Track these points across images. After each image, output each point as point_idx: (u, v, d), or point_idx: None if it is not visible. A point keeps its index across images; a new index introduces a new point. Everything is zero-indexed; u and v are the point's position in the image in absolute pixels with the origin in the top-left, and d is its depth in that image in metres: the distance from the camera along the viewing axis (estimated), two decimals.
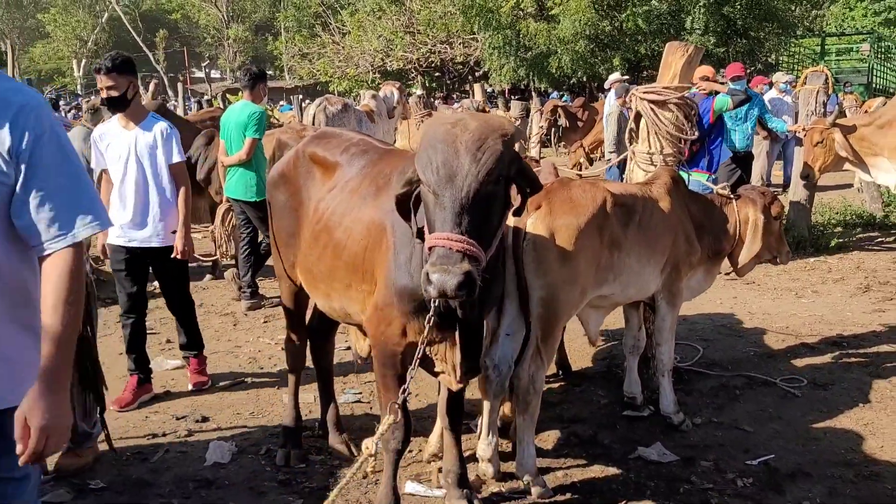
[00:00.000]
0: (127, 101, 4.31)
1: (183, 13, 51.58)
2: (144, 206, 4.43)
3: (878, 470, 3.55)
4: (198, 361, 4.85)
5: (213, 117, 9.53)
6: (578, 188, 3.57)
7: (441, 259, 2.21)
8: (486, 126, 2.40)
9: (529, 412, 3.45)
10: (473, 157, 2.31)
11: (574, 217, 3.40)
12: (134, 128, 4.42)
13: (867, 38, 26.07)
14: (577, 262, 3.39)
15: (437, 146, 2.35)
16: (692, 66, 4.46)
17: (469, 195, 2.30)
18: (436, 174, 2.32)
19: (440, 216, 2.30)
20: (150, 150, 4.41)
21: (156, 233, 4.46)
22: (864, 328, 5.61)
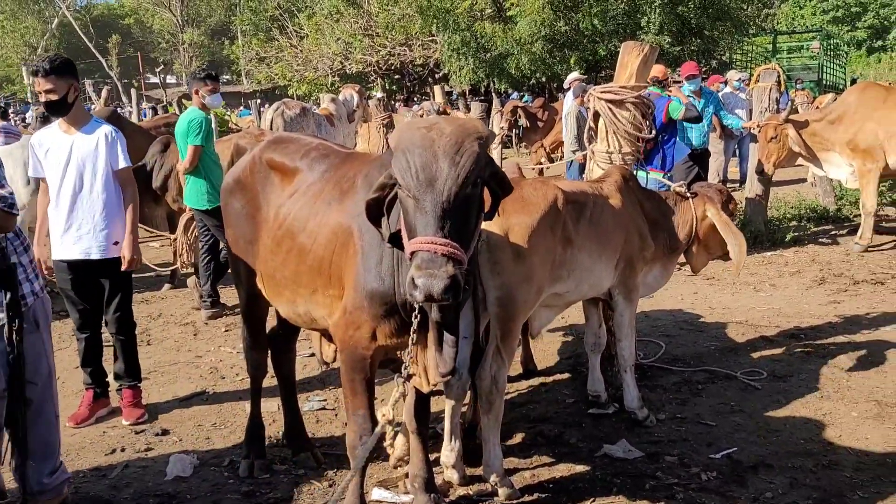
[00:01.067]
0: (68, 104, 4.05)
1: (136, 18, 50.71)
2: (84, 216, 4.16)
3: (836, 459, 3.61)
4: (133, 393, 4.45)
5: (167, 123, 9.37)
6: (529, 187, 3.58)
7: (426, 263, 2.21)
8: (462, 129, 2.40)
9: (493, 412, 3.44)
10: (452, 161, 2.31)
11: (527, 216, 3.41)
12: (75, 132, 4.15)
13: (817, 35, 26.71)
14: (532, 260, 3.40)
15: (415, 151, 2.33)
16: (648, 65, 4.51)
17: (450, 199, 2.30)
18: (415, 179, 2.30)
19: (421, 220, 2.29)
20: (93, 156, 4.13)
21: (97, 244, 4.18)
22: (820, 320, 5.72)
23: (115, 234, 4.23)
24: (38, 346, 3.04)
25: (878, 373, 4.64)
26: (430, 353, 2.80)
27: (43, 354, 3.08)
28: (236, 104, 31.60)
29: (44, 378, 3.09)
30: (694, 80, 8.61)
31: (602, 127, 4.64)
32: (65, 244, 4.20)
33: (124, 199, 4.28)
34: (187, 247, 6.84)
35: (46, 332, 3.12)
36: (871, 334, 5.35)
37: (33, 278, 3.02)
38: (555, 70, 17.17)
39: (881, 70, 30.95)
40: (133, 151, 8.14)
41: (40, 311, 3.08)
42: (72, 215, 4.16)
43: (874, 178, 7.63)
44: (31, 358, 2.98)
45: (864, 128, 7.63)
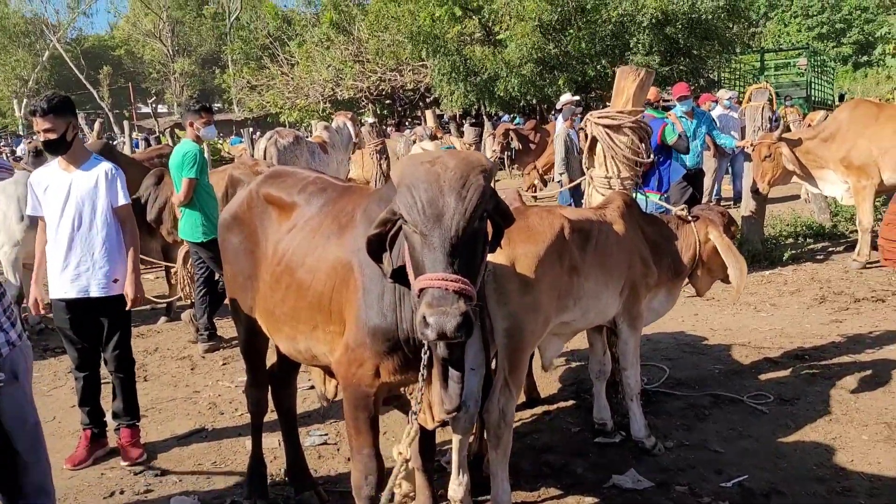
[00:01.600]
0: (67, 143, 4.03)
1: (127, 49, 51.06)
2: (83, 254, 4.11)
3: (849, 485, 3.56)
4: (131, 433, 4.35)
5: (160, 155, 9.33)
6: (535, 216, 3.55)
7: (438, 300, 2.16)
8: (467, 163, 2.36)
9: (502, 446, 3.37)
10: (459, 195, 2.27)
11: (533, 245, 3.37)
12: (74, 170, 4.12)
13: (803, 52, 26.98)
14: (539, 289, 3.35)
15: (421, 186, 2.29)
16: (644, 89, 4.50)
17: (458, 234, 2.25)
18: (422, 214, 2.26)
19: (430, 257, 2.24)
20: (92, 193, 4.11)
21: (96, 282, 4.13)
22: (823, 339, 5.68)
23: (114, 272, 4.17)
24: (18, 397, 2.90)
25: (886, 393, 4.60)
26: (434, 389, 2.74)
27: (25, 404, 2.95)
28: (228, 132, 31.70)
29: (31, 427, 2.96)
30: (685, 100, 8.64)
31: (600, 152, 4.62)
32: (63, 282, 4.14)
33: (124, 237, 4.23)
34: (188, 279, 6.77)
35: (27, 382, 2.93)
36: (875, 353, 5.31)
37: (8, 327, 2.86)
38: (545, 92, 17.26)
39: (868, 85, 31.27)
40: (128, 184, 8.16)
41: (19, 361, 2.89)
42: (70, 253, 4.11)
43: (870, 195, 7.64)
44: (14, 411, 2.85)
45: (858, 145, 7.65)
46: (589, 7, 16.23)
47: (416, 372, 2.77)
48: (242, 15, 43.99)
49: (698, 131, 8.60)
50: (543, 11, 16.05)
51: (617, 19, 16.03)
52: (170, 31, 47.25)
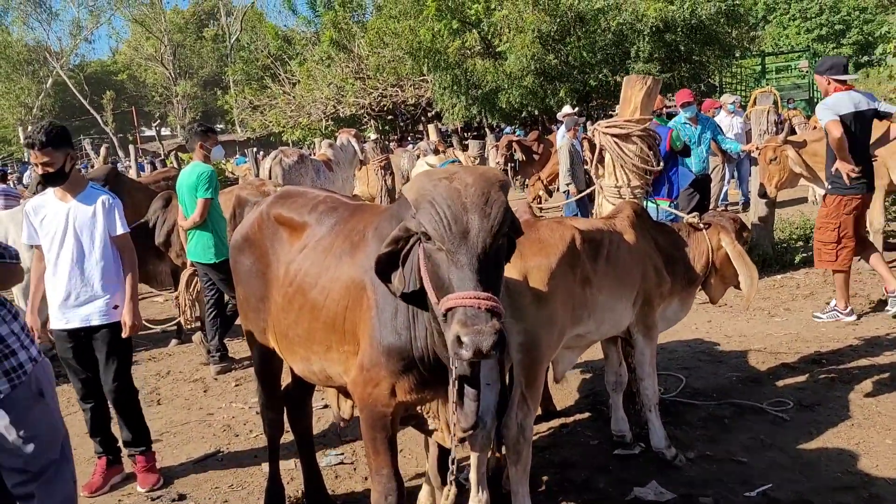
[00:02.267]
0: (66, 174, 3.98)
1: (129, 73, 51.42)
2: (83, 284, 4.06)
3: (876, 492, 3.50)
4: (145, 459, 4.33)
5: (167, 178, 9.35)
6: (546, 228, 3.52)
7: (472, 320, 2.13)
8: (485, 179, 2.34)
9: (522, 462, 3.33)
10: (483, 213, 2.25)
11: (545, 258, 3.34)
12: (71, 199, 4.07)
13: (804, 54, 26.99)
14: (554, 302, 3.32)
15: (443, 203, 2.26)
16: (652, 98, 4.48)
17: (485, 251, 2.24)
18: (448, 231, 2.23)
19: (458, 275, 2.21)
20: (90, 223, 4.06)
21: (96, 310, 4.08)
22: (840, 343, 5.63)
23: (115, 299, 4.13)
24: (46, 414, 2.95)
25: None
26: (450, 407, 2.71)
27: (53, 421, 2.99)
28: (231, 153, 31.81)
29: (58, 444, 3.00)
30: (689, 107, 8.62)
31: (609, 161, 4.60)
32: (64, 313, 4.09)
33: (123, 265, 4.18)
34: (190, 303, 6.75)
35: (52, 398, 3.01)
36: (894, 355, 5.25)
37: (29, 344, 2.93)
38: (546, 103, 17.27)
39: (869, 85, 31.14)
40: (134, 208, 8.18)
41: (43, 377, 2.97)
42: (70, 284, 4.06)
43: (880, 196, 7.57)
44: (44, 429, 2.89)
45: None
46: (588, 17, 16.26)
47: (431, 390, 2.75)
48: (243, 36, 44.30)
49: (703, 137, 8.56)
50: (542, 22, 16.08)
51: (616, 28, 16.06)
52: (171, 54, 47.58)
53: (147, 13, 46.25)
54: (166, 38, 47.05)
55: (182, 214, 6.40)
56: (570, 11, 16.15)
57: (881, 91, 26.78)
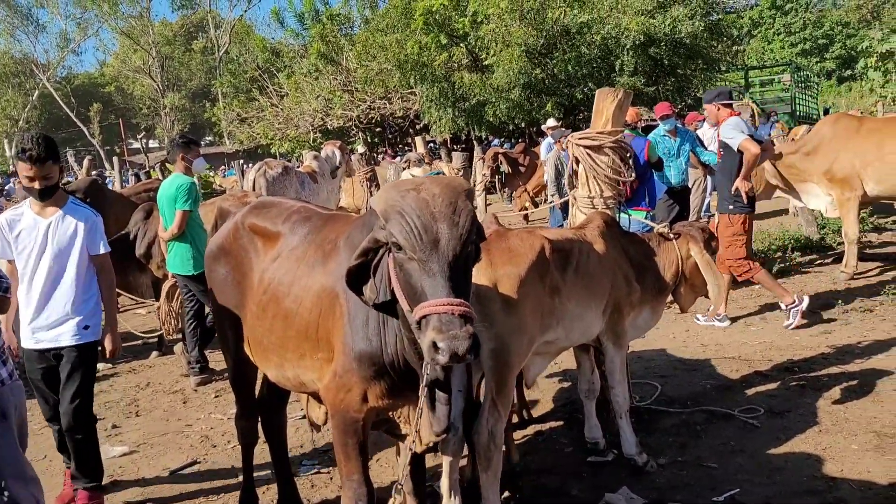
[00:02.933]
0: (57, 188, 3.85)
1: (117, 85, 51.31)
2: (57, 303, 3.85)
3: (841, 495, 3.56)
4: (89, 496, 3.97)
5: (148, 189, 9.37)
6: (516, 237, 3.58)
7: (446, 326, 2.20)
8: (451, 189, 2.42)
9: (492, 468, 3.36)
10: (452, 222, 2.33)
11: (515, 266, 3.41)
12: (51, 215, 3.86)
13: (787, 68, 27.27)
14: (523, 310, 3.37)
15: (413, 214, 2.33)
16: (623, 110, 4.56)
17: (455, 259, 2.31)
18: (419, 241, 2.30)
19: (430, 283, 2.27)
20: (71, 240, 3.87)
21: (68, 330, 3.86)
22: (812, 351, 5.71)
23: (86, 320, 3.93)
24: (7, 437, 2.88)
25: (875, 402, 4.62)
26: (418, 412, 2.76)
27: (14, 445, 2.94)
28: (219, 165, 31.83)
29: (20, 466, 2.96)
30: (668, 119, 8.72)
31: (582, 172, 4.67)
32: (35, 332, 3.89)
33: (102, 286, 4.01)
34: (172, 314, 6.76)
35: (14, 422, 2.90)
36: (863, 363, 5.33)
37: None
38: (533, 115, 17.37)
39: (852, 98, 31.65)
40: (115, 219, 8.18)
41: (9, 400, 2.89)
42: (44, 302, 3.87)
43: (854, 207, 7.71)
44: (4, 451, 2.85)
45: (840, 158, 7.74)
46: (574, 31, 16.40)
47: (402, 396, 2.80)
48: (231, 48, 44.36)
49: (682, 149, 8.67)
50: (529, 37, 16.21)
51: (601, 42, 16.20)
52: (159, 66, 47.54)
53: (135, 26, 46.23)
54: (154, 51, 47.02)
55: (162, 226, 6.42)
56: (556, 25, 16.28)
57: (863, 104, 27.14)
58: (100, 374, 7.00)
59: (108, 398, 6.27)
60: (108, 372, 7.08)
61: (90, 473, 4.00)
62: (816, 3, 45.56)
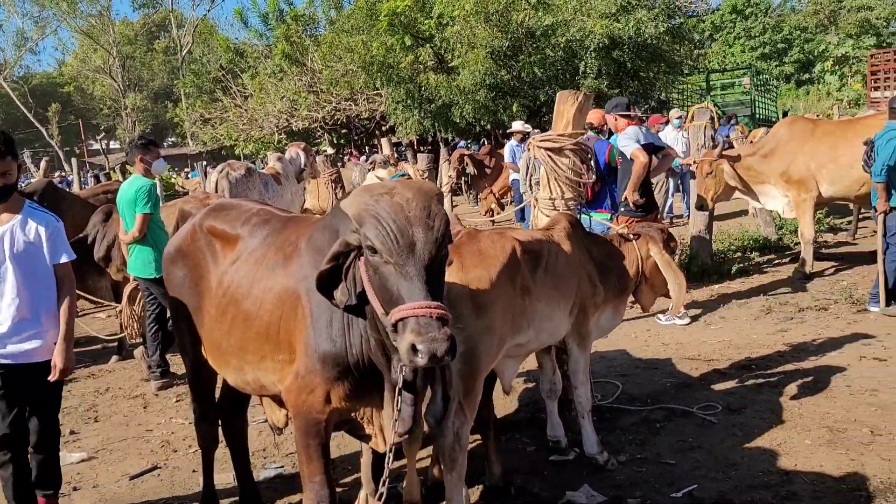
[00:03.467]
0: (16, 188, 3.57)
1: (76, 85, 50.33)
2: (25, 317, 3.51)
3: (794, 489, 3.65)
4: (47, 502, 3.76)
5: (106, 191, 9.22)
6: (487, 239, 3.60)
7: (425, 328, 2.23)
8: (423, 193, 2.45)
9: (457, 469, 3.37)
10: (427, 226, 2.36)
11: (486, 268, 3.42)
12: (7, 222, 3.52)
13: (747, 72, 27.80)
14: (493, 312, 3.39)
15: (388, 218, 2.35)
16: (584, 112, 4.62)
17: (431, 262, 2.34)
18: (395, 244, 2.32)
19: (407, 286, 2.30)
20: (30, 249, 3.53)
21: (32, 346, 3.54)
22: (769, 349, 5.84)
23: (46, 334, 3.59)
24: None
25: (828, 399, 4.74)
26: (385, 412, 2.77)
27: None
28: (182, 166, 31.41)
29: None
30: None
31: (544, 174, 4.72)
32: None
33: (61, 296, 3.63)
34: (134, 318, 6.66)
35: None
36: (818, 360, 5.47)
37: None
38: (499, 117, 17.46)
39: (810, 101, 32.32)
40: (72, 222, 8.03)
41: None
42: (9, 317, 3.50)
43: (810, 208, 7.90)
44: None
45: (796, 160, 7.92)
46: (539, 33, 16.52)
47: (365, 396, 2.81)
48: (194, 48, 43.83)
49: None
50: (494, 38, 16.29)
51: (565, 45, 16.34)
52: (120, 66, 46.77)
53: (95, 25, 45.42)
54: (115, 50, 46.26)
55: (122, 229, 6.33)
56: (521, 28, 16.39)
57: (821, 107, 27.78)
58: None
59: (66, 404, 6.12)
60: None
61: (50, 483, 3.78)
62: (775, 8, 46.48)
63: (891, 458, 3.87)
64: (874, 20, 35.83)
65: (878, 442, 4.08)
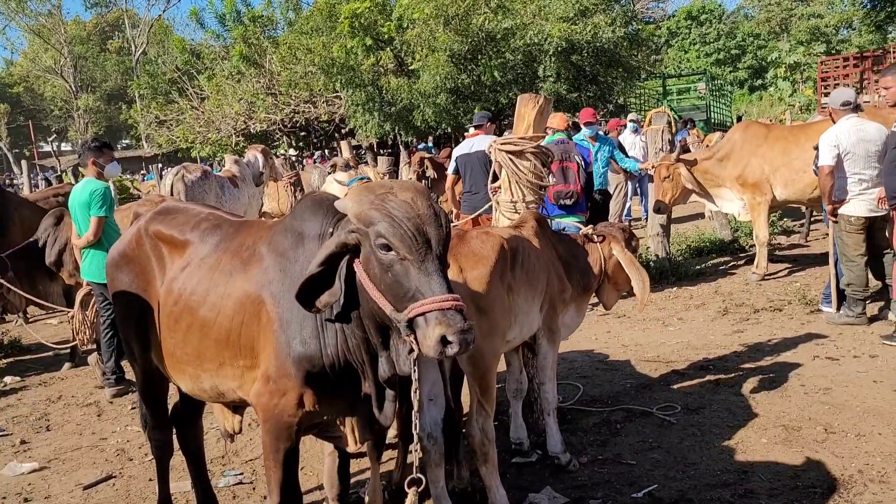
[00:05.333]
0: None
1: (26, 85, 49.07)
2: None
3: (751, 487, 3.71)
4: None
5: (57, 194, 8.98)
6: (476, 239, 3.62)
7: (451, 320, 2.28)
8: (421, 192, 2.50)
9: (490, 461, 3.54)
10: (437, 222, 2.42)
11: (483, 268, 3.45)
12: None
13: (702, 77, 28.34)
14: (494, 311, 3.44)
15: (403, 217, 2.38)
16: (544, 115, 4.65)
17: (442, 257, 2.42)
18: (415, 243, 2.35)
19: (427, 282, 2.34)
20: None
21: None
22: (726, 349, 5.94)
23: None
24: None
25: (783, 397, 4.83)
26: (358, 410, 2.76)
27: None
28: (136, 169, 30.84)
29: None
30: (591, 126, 8.94)
31: (505, 177, 4.73)
32: None
33: None
34: (87, 324, 6.48)
35: None
36: (773, 360, 5.58)
37: None
38: (459, 121, 17.51)
39: (763, 107, 33.04)
40: (20, 225, 7.81)
41: None
42: None
43: (764, 211, 8.07)
44: None
45: (751, 164, 8.09)
46: (498, 37, 16.61)
47: (338, 399, 2.78)
48: (149, 49, 43.04)
49: (600, 154, 8.92)
50: (454, 42, 16.33)
51: (525, 48, 16.46)
52: (72, 66, 45.70)
53: (45, 23, 44.30)
54: (66, 50, 45.18)
55: (75, 233, 6.17)
56: (481, 31, 16.46)
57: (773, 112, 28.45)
58: (7, 388, 6.68)
59: (16, 412, 5.97)
60: (15, 385, 6.75)
61: None
62: (730, 15, 47.47)
63: (844, 455, 3.96)
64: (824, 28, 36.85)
65: (831, 440, 4.17)
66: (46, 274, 6.86)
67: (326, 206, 2.79)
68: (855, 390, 4.87)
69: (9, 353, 7.86)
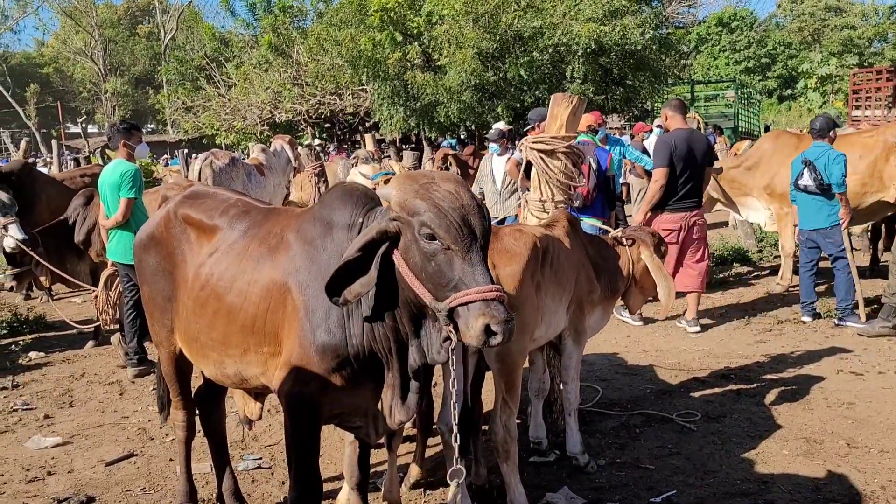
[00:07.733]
0: None
1: (56, 66, 49.62)
2: None
3: (771, 498, 3.69)
4: None
5: (85, 174, 9.08)
6: (509, 236, 3.62)
7: (495, 310, 2.30)
8: (462, 183, 2.50)
9: (511, 458, 3.56)
10: (480, 213, 2.43)
11: (516, 266, 3.46)
12: None
13: (731, 85, 28.10)
14: (524, 309, 3.44)
15: (449, 207, 2.38)
16: (577, 116, 4.63)
17: (485, 248, 2.44)
18: (461, 233, 2.36)
19: (471, 272, 2.35)
20: None
21: None
22: (748, 359, 5.90)
23: None
24: None
25: (805, 410, 4.80)
26: (385, 402, 2.77)
27: None
28: (162, 153, 31.06)
29: None
30: (600, 128, 8.90)
31: (535, 176, 4.72)
32: None
33: None
34: (110, 303, 6.56)
35: None
36: (796, 372, 5.54)
37: None
38: (483, 118, 17.49)
39: (791, 117, 32.77)
40: (47, 204, 7.91)
41: None
42: None
43: (791, 222, 7.98)
44: None
45: (780, 173, 8.00)
46: (526, 36, 16.57)
47: (361, 388, 2.79)
48: (178, 35, 43.34)
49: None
50: (482, 39, 16.31)
51: (553, 48, 16.41)
52: (102, 49, 46.13)
53: (77, 6, 44.75)
54: (97, 33, 45.61)
55: (104, 213, 6.24)
56: (510, 30, 16.43)
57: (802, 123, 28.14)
58: (32, 363, 6.78)
59: (40, 387, 6.06)
60: (40, 361, 6.85)
61: None
62: (761, 23, 47.03)
63: (867, 471, 3.93)
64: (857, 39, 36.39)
65: (854, 454, 4.14)
66: (75, 252, 6.95)
67: (357, 196, 2.80)
68: (879, 406, 4.83)
69: (34, 328, 7.97)
